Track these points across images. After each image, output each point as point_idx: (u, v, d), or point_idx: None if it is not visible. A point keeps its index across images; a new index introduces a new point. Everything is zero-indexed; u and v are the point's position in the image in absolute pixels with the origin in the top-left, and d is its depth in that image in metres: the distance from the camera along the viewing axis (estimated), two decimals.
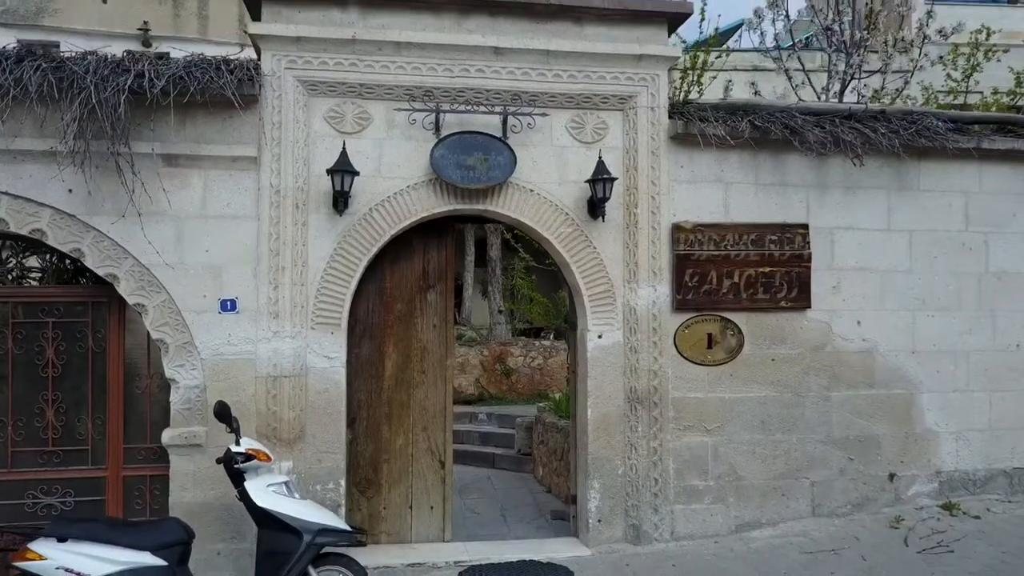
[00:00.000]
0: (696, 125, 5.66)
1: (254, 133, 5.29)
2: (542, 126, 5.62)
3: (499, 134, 5.52)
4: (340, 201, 5.30)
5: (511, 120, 5.53)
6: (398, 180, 5.48)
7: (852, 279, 5.95)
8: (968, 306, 6.14)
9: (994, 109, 14.27)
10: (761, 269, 5.75)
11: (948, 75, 12.28)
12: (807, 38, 20.02)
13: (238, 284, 5.23)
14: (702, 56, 8.86)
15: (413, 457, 5.79)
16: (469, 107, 5.52)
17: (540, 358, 11.61)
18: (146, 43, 22.27)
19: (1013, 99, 17.39)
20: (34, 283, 5.96)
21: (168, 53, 5.55)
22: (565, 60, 5.61)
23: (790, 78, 8.92)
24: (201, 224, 5.21)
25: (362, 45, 5.38)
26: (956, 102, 15.31)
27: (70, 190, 5.02)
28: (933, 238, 6.11)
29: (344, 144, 5.29)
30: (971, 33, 15.77)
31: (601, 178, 5.46)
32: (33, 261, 5.85)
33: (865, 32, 8.25)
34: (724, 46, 19.92)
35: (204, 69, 5.09)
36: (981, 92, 16.02)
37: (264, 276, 5.25)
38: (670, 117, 5.77)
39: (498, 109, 5.52)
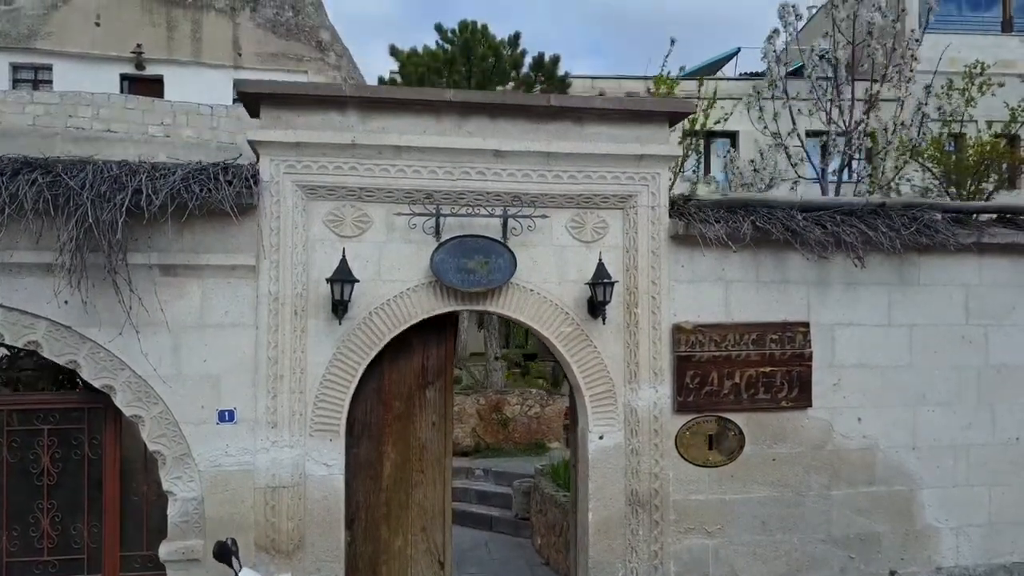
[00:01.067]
0: (696, 227, 5.64)
1: (252, 241, 5.24)
2: (542, 226, 5.59)
3: (499, 236, 5.49)
4: (340, 308, 5.25)
5: (511, 222, 5.49)
6: (398, 283, 5.44)
7: (853, 376, 5.94)
8: (968, 400, 6.13)
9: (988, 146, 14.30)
10: (762, 369, 5.73)
11: (940, 108, 12.35)
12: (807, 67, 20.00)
13: (236, 394, 5.18)
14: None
15: (412, 558, 5.75)
16: (469, 210, 5.48)
17: (537, 407, 11.59)
18: (139, 66, 22.23)
19: (1008, 129, 17.43)
20: (28, 373, 5.91)
21: (167, 165, 5.43)
22: (566, 161, 5.58)
23: (793, 119, 8.96)
24: (199, 334, 5.16)
25: (362, 149, 5.34)
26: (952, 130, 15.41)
27: (66, 302, 4.96)
28: (934, 332, 6.10)
29: (344, 251, 5.25)
30: (966, 67, 15.82)
31: (601, 282, 5.43)
32: (27, 361, 5.78)
33: (865, 116, 8.23)
34: (717, 74, 19.75)
35: (203, 182, 5.03)
36: (975, 121, 16.09)
37: (262, 385, 5.21)
38: (671, 216, 5.75)
39: (498, 212, 5.49)
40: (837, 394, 5.91)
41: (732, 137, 20.23)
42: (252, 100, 5.46)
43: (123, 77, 22.04)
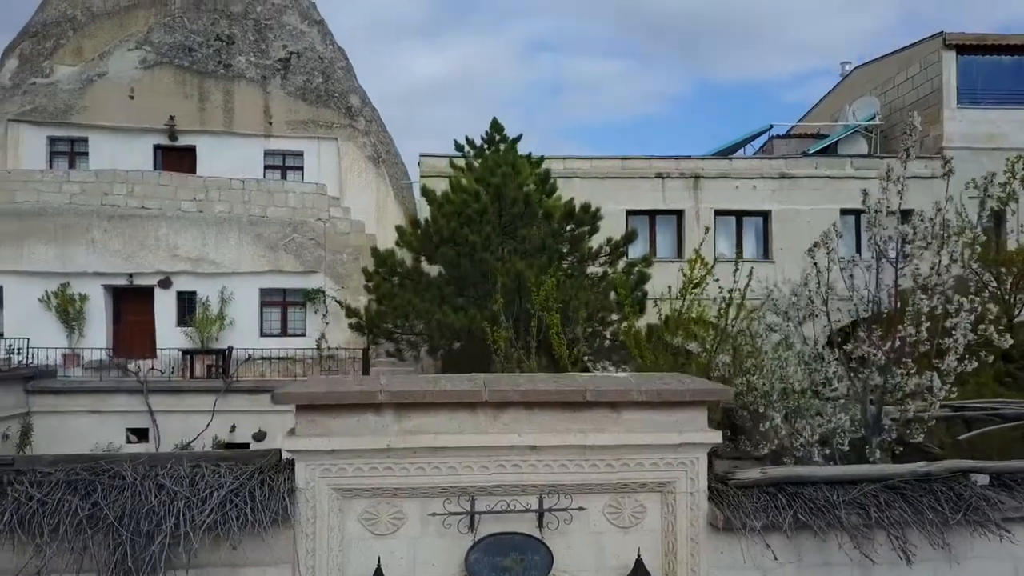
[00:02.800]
0: (737, 518, 5.54)
1: (288, 548, 5.24)
2: (579, 514, 5.53)
3: (535, 529, 5.44)
4: None
5: (547, 516, 5.44)
6: None
7: None
8: None
9: None
10: None
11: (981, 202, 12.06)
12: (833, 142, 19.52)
13: None
14: None
15: None
16: (505, 504, 5.43)
17: None
18: (172, 136, 22.48)
19: None
20: None
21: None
22: (603, 451, 5.51)
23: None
24: None
25: (397, 452, 5.32)
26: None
27: None
28: None
29: (379, 559, 5.23)
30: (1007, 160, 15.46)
31: None
32: None
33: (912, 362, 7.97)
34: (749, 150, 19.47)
35: (239, 506, 5.03)
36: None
37: None
38: (710, 499, 5.65)
39: (534, 505, 5.44)
40: None
41: (765, 216, 19.98)
42: (286, 400, 5.43)
43: (156, 148, 22.32)
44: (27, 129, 21.57)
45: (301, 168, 23.08)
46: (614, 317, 11.30)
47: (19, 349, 14.90)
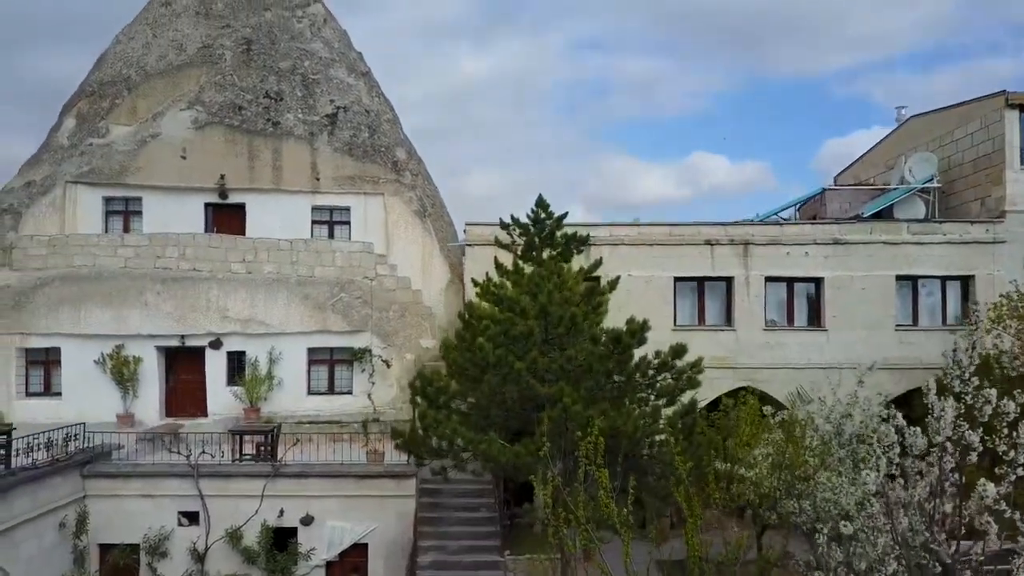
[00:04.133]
0: None
1: None
2: None
3: None
4: None
5: None
6: None
7: None
8: None
9: None
10: None
11: None
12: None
13: None
14: None
15: None
16: None
17: None
18: (223, 195, 22.83)
19: None
20: None
21: None
22: None
23: None
24: None
25: None
26: None
27: None
28: None
29: None
30: None
31: None
32: None
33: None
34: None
35: None
36: None
37: None
38: None
39: None
40: None
41: (817, 283, 19.54)
42: None
43: (207, 205, 22.67)
44: (84, 190, 22.11)
45: (348, 223, 23.23)
46: (659, 438, 11.13)
47: (76, 435, 15.26)
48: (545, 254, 16.84)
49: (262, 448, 16.08)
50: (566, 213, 17.20)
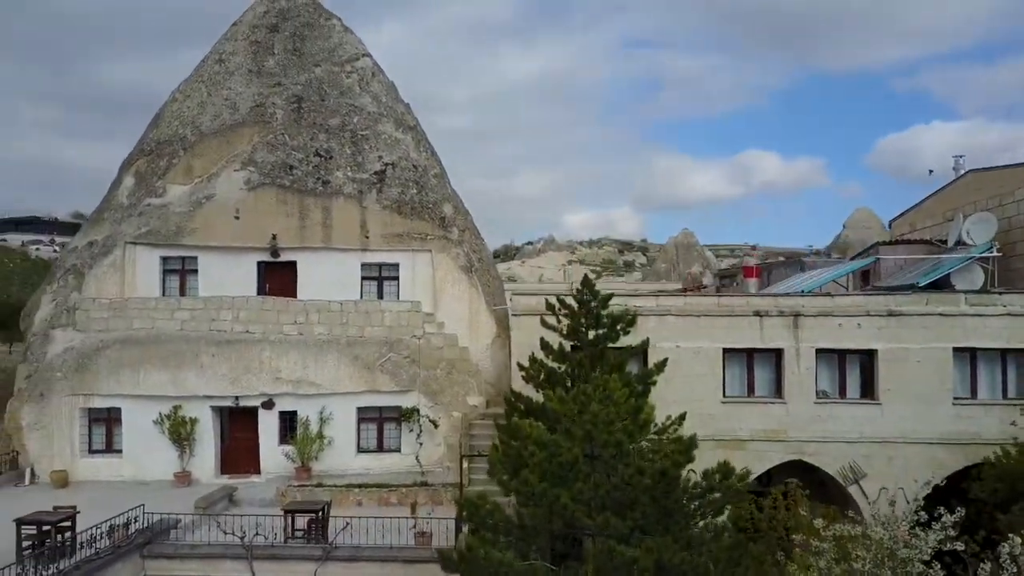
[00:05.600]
0: None
1: None
2: None
3: None
4: None
5: None
6: None
7: None
8: None
9: None
10: None
11: None
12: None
13: None
14: None
15: None
16: None
17: None
18: (274, 253, 23.30)
19: None
20: None
21: None
22: None
23: None
24: None
25: None
26: None
27: None
28: None
29: None
30: None
31: None
32: None
33: None
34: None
35: None
36: None
37: None
38: None
39: None
40: None
41: (870, 355, 19.17)
42: None
43: (260, 264, 23.14)
44: (143, 250, 22.77)
45: (397, 278, 23.50)
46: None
47: (136, 518, 15.79)
48: (591, 335, 16.94)
49: (313, 525, 16.43)
50: (611, 295, 17.32)
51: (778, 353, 19.13)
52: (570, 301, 17.00)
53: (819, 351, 19.01)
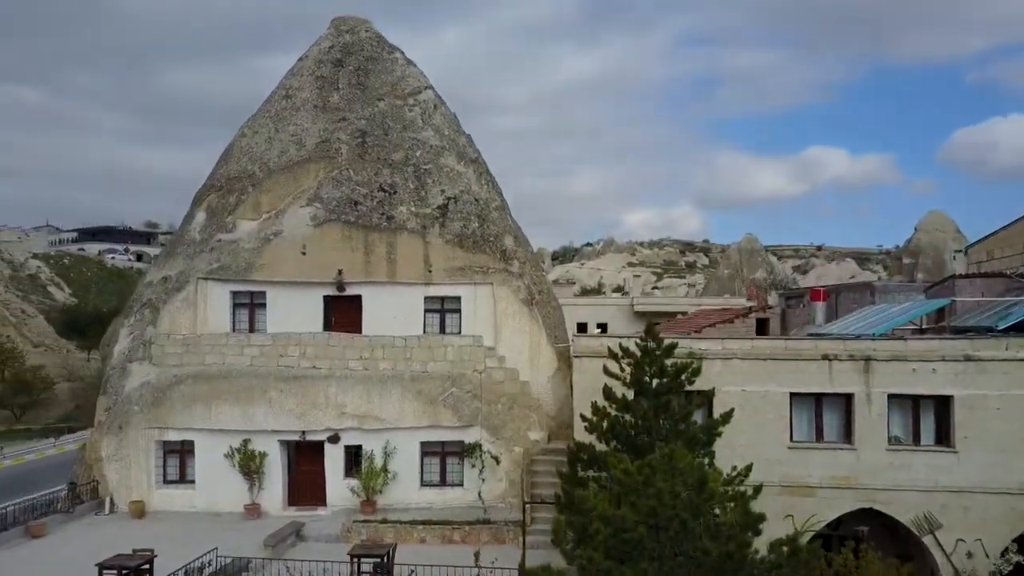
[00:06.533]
0: None
1: None
2: None
3: None
4: None
5: None
6: None
7: None
8: None
9: None
10: None
11: None
12: None
13: None
14: None
15: None
16: None
17: None
18: (340, 287, 23.69)
19: None
20: None
21: None
22: None
23: None
24: None
25: None
26: None
27: None
28: None
29: None
30: None
31: None
32: None
33: None
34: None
35: None
36: None
37: None
38: None
39: None
40: None
41: (945, 401, 18.53)
42: None
43: (326, 298, 23.58)
44: (214, 285, 23.44)
45: (459, 310, 23.68)
46: None
47: (210, 561, 16.31)
48: (654, 383, 16.78)
49: (379, 570, 16.69)
50: (675, 344, 17.12)
51: (848, 398, 18.65)
52: (633, 348, 16.89)
53: (891, 396, 18.45)
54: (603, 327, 46.50)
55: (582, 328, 46.57)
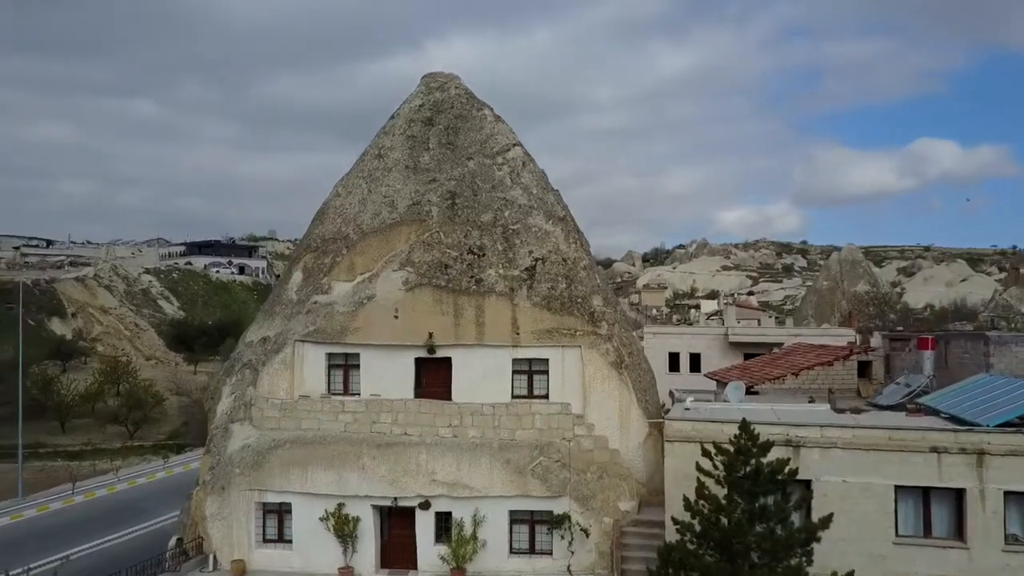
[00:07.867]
0: None
1: None
2: None
3: None
4: None
5: None
6: None
7: None
8: None
9: None
10: None
11: None
12: None
13: None
14: None
15: None
16: None
17: None
18: (431, 350, 23.96)
19: None
20: None
21: None
22: None
23: None
24: None
25: None
26: None
27: None
28: None
29: None
30: None
31: None
32: None
33: None
34: None
35: None
36: None
37: None
38: None
39: None
40: None
41: None
42: None
43: (417, 360, 23.92)
44: (310, 347, 24.13)
45: (546, 372, 23.61)
46: None
47: None
48: (747, 484, 16.25)
49: None
50: (771, 443, 16.53)
51: (959, 493, 17.58)
52: (726, 444, 16.41)
53: (1008, 493, 17.29)
54: (695, 358, 45.42)
55: (674, 359, 45.74)
